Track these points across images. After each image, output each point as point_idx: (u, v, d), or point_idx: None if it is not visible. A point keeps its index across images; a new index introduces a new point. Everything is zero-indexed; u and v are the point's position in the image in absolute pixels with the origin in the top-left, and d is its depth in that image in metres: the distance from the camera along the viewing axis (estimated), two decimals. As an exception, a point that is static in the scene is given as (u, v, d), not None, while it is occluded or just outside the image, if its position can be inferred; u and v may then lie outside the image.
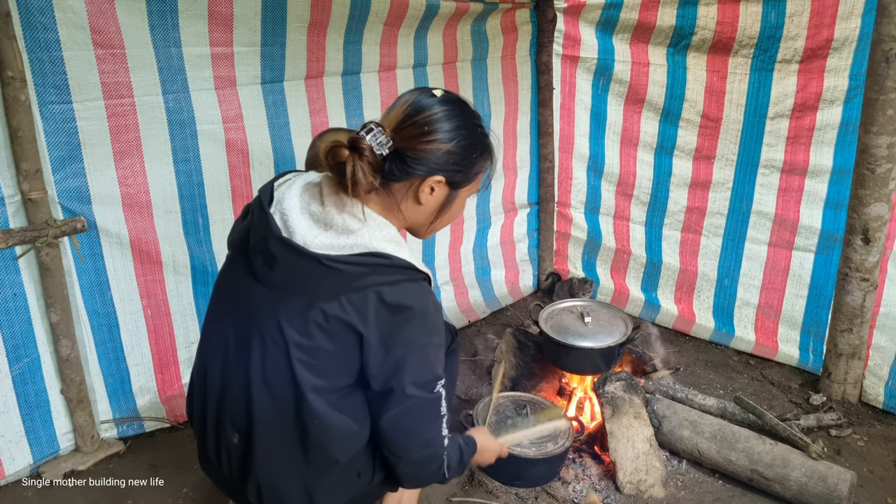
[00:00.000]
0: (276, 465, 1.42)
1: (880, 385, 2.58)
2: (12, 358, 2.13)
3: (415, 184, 1.37)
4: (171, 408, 2.51)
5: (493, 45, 3.12)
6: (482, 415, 2.27)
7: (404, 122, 1.34)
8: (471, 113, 1.41)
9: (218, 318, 1.49)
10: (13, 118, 1.92)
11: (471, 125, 1.39)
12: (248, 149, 2.45)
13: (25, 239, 2.01)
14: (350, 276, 1.28)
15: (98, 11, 1.98)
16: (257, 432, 1.39)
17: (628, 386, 2.35)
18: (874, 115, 2.23)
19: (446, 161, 1.36)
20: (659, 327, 3.26)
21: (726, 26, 2.69)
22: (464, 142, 1.37)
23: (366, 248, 1.29)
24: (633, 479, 2.15)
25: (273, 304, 1.35)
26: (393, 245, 1.33)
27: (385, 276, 1.30)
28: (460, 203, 1.48)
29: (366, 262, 1.29)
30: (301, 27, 2.39)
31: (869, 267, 2.42)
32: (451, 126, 1.35)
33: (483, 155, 1.43)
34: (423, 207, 1.42)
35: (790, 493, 2.07)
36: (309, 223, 1.33)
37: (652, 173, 3.14)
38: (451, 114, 1.36)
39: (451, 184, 1.40)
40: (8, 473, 2.19)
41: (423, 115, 1.33)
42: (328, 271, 1.28)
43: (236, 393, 1.41)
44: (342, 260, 1.28)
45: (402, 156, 1.34)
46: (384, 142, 1.32)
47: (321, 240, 1.30)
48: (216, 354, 1.46)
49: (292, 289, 1.33)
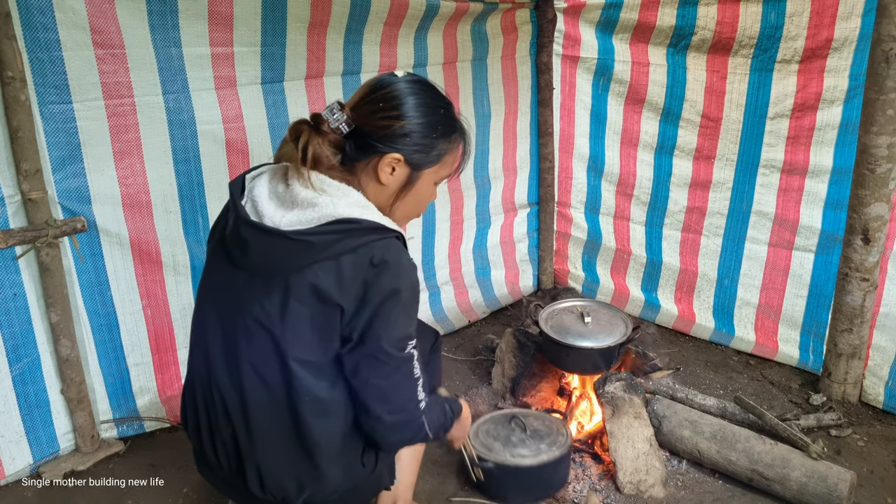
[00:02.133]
0: (273, 450, 1.42)
1: (880, 385, 2.58)
2: (12, 358, 2.13)
3: (373, 161, 1.37)
4: (171, 408, 2.51)
5: (493, 45, 3.12)
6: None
7: (363, 100, 1.36)
8: (434, 94, 1.41)
9: (204, 315, 1.49)
10: (13, 118, 1.92)
11: (431, 105, 1.39)
12: (248, 149, 2.45)
13: (25, 239, 2.01)
14: (320, 246, 1.28)
15: (98, 11, 1.98)
16: (251, 419, 1.40)
17: (628, 386, 2.35)
18: (874, 115, 2.23)
19: (403, 138, 1.35)
20: (659, 327, 3.26)
21: (726, 26, 2.69)
22: (421, 119, 1.36)
23: (332, 216, 1.29)
24: (633, 479, 2.15)
25: (252, 288, 1.36)
26: (359, 209, 1.33)
27: (356, 240, 1.30)
28: (426, 186, 1.45)
29: (334, 230, 1.28)
30: (301, 27, 2.39)
31: (869, 267, 2.42)
32: (409, 102, 1.35)
33: (446, 137, 1.41)
34: (385, 188, 1.40)
35: (790, 493, 2.07)
36: (276, 205, 1.34)
37: (652, 173, 3.14)
38: (409, 92, 1.36)
39: (410, 163, 1.38)
40: (8, 473, 2.19)
41: (380, 92, 1.35)
42: (298, 245, 1.28)
43: (226, 383, 1.41)
44: (310, 232, 1.28)
45: (361, 132, 1.35)
46: (341, 117, 1.34)
47: (288, 218, 1.31)
48: (204, 350, 1.47)
49: (267, 269, 1.34)
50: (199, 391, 1.48)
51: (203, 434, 1.50)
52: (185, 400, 1.55)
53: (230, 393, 1.41)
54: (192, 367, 1.52)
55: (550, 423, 2.27)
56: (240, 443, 1.43)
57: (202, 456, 1.55)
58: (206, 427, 1.49)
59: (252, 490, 1.45)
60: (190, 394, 1.52)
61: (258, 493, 1.45)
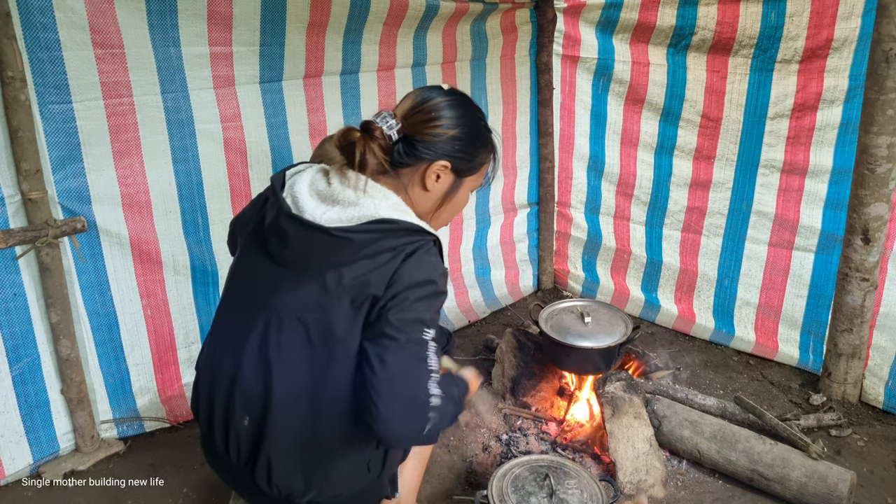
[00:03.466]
0: (286, 444, 1.43)
1: (880, 385, 2.58)
2: (12, 358, 2.13)
3: (422, 168, 1.44)
4: (171, 408, 2.51)
5: (493, 44, 3.12)
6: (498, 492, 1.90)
7: (413, 110, 1.43)
8: (475, 107, 1.51)
9: (233, 305, 1.52)
10: (13, 118, 1.92)
11: (475, 117, 1.49)
12: (247, 148, 2.45)
13: (25, 239, 2.01)
14: (360, 243, 1.33)
15: (98, 11, 1.98)
16: (271, 411, 1.41)
17: (628, 386, 2.35)
18: (874, 115, 2.23)
19: (451, 147, 1.44)
20: (659, 327, 3.26)
21: (726, 26, 2.69)
22: (468, 129, 1.46)
23: (372, 216, 1.35)
24: (633, 479, 2.15)
25: (287, 280, 1.40)
26: (398, 211, 1.39)
27: (395, 240, 1.35)
28: (464, 193, 1.54)
29: (374, 229, 1.34)
30: (300, 27, 2.39)
31: (869, 267, 2.42)
32: (456, 114, 1.44)
33: (486, 147, 1.52)
34: (430, 194, 1.49)
35: (790, 493, 2.07)
36: (317, 202, 1.39)
37: (652, 173, 3.14)
38: (457, 103, 1.46)
39: (455, 171, 1.47)
40: (8, 473, 2.19)
41: (430, 103, 1.43)
42: (339, 241, 1.33)
43: (251, 374, 1.43)
44: (351, 230, 1.33)
45: (410, 140, 1.42)
46: (394, 125, 1.41)
47: (329, 215, 1.36)
48: (230, 339, 1.48)
49: (306, 263, 1.38)
50: (218, 379, 1.49)
51: (216, 423, 1.50)
52: (200, 388, 1.56)
53: (254, 383, 1.43)
54: (211, 355, 1.53)
55: (588, 487, 1.91)
56: (254, 434, 1.44)
57: (212, 446, 1.55)
58: (220, 416, 1.49)
59: (259, 483, 1.45)
60: (207, 382, 1.53)
61: (265, 487, 1.45)
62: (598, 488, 1.92)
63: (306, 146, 2.60)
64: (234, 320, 1.49)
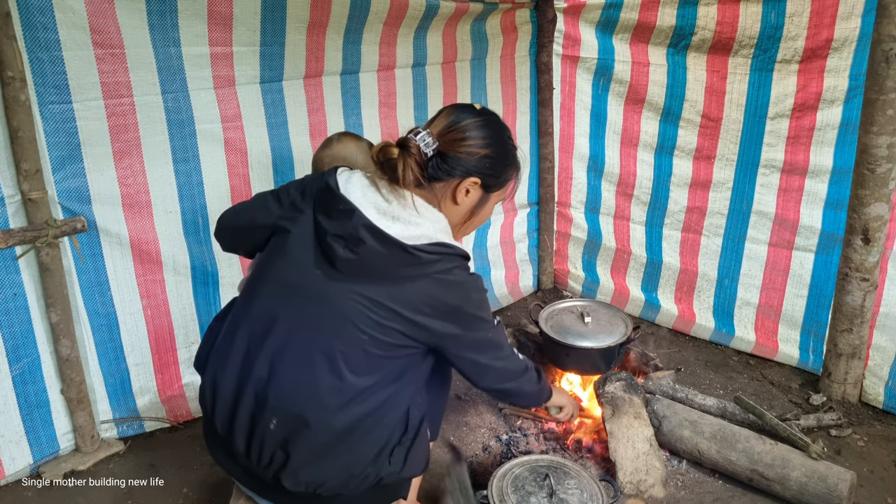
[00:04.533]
0: (318, 444, 1.46)
1: (880, 385, 2.58)
2: (12, 358, 2.13)
3: (454, 184, 1.55)
4: (172, 408, 2.51)
5: (493, 44, 3.12)
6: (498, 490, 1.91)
7: (448, 128, 1.53)
8: (504, 126, 1.62)
9: (265, 304, 1.54)
10: (13, 118, 1.92)
11: (504, 136, 1.61)
12: (247, 148, 2.45)
13: (25, 239, 2.01)
14: (426, 262, 1.46)
15: (98, 11, 1.98)
16: (308, 413, 1.45)
17: (628, 386, 2.35)
18: (874, 115, 2.23)
19: (482, 164, 1.54)
20: (659, 327, 3.26)
21: (726, 26, 2.69)
22: (498, 149, 1.57)
23: (431, 238, 1.47)
24: (633, 479, 2.15)
25: (348, 287, 1.46)
26: (448, 236, 1.54)
27: (449, 263, 1.49)
28: (490, 207, 1.66)
29: (436, 251, 1.47)
30: (300, 27, 2.40)
31: (869, 267, 2.42)
32: (487, 133, 1.55)
33: (513, 165, 1.64)
34: (459, 208, 1.59)
35: (790, 493, 2.07)
36: (376, 215, 1.47)
37: (652, 173, 3.14)
38: (489, 124, 1.57)
39: (484, 186, 1.58)
40: (8, 473, 2.19)
41: (465, 122, 1.53)
42: (411, 258, 1.45)
43: (289, 376, 1.46)
44: (420, 248, 1.45)
45: (445, 157, 1.52)
46: (430, 143, 1.51)
47: (393, 230, 1.45)
48: (262, 339, 1.50)
49: (373, 272, 1.47)
50: (247, 379, 1.49)
51: (238, 424, 1.51)
52: (218, 386, 1.55)
53: (294, 384, 1.46)
54: (237, 354, 1.53)
55: (588, 487, 1.92)
56: (282, 436, 1.46)
57: (228, 445, 1.55)
58: (245, 416, 1.49)
59: (284, 483, 1.48)
60: (230, 381, 1.53)
61: (291, 485, 1.48)
62: (598, 488, 1.93)
63: (307, 146, 2.60)
64: (271, 320, 1.51)
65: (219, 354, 1.58)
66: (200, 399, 1.62)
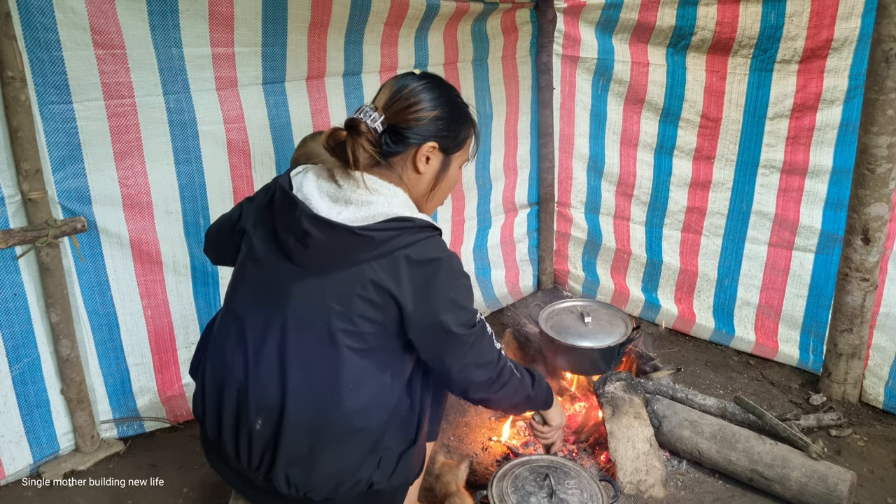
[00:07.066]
0: (305, 445, 1.45)
1: (880, 385, 2.58)
2: (12, 358, 2.13)
3: (411, 153, 1.49)
4: (171, 408, 2.51)
5: (494, 45, 3.12)
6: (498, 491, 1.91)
7: (393, 98, 1.47)
8: (449, 86, 1.56)
9: (244, 307, 1.54)
10: (13, 118, 1.92)
11: (452, 95, 1.55)
12: (250, 149, 2.45)
13: (25, 239, 2.01)
14: (380, 241, 1.39)
15: (98, 11, 1.98)
16: (288, 412, 1.43)
17: (628, 386, 2.35)
18: (874, 115, 2.23)
19: (436, 127, 1.49)
20: (659, 327, 3.26)
21: (726, 26, 2.69)
22: (448, 108, 1.51)
23: (387, 214, 1.41)
24: (633, 479, 2.15)
25: (308, 281, 1.43)
26: (409, 209, 1.47)
27: (411, 237, 1.41)
28: (455, 171, 1.60)
29: (392, 227, 1.40)
30: (302, 27, 2.39)
31: (869, 267, 2.42)
32: (434, 95, 1.50)
33: (467, 122, 1.58)
34: (423, 177, 1.53)
35: (790, 493, 2.07)
36: (329, 203, 1.44)
37: (652, 173, 3.14)
38: (434, 85, 1.51)
39: (443, 150, 1.53)
40: (8, 473, 2.19)
41: (407, 89, 1.48)
42: (361, 240, 1.39)
43: (267, 375, 1.45)
44: (372, 228, 1.39)
45: (396, 129, 1.47)
46: (377, 117, 1.45)
47: (345, 215, 1.41)
48: (239, 342, 1.50)
49: (328, 262, 1.42)
50: (228, 382, 1.49)
51: (225, 426, 1.51)
52: (206, 391, 1.56)
53: (269, 384, 1.45)
54: (220, 358, 1.53)
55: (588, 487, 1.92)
56: (268, 436, 1.45)
57: (219, 448, 1.55)
58: (230, 419, 1.50)
59: (276, 485, 1.47)
60: (214, 385, 1.53)
61: (283, 488, 1.47)
62: (598, 488, 1.93)
63: (308, 147, 2.60)
64: (247, 322, 1.50)
65: (205, 359, 1.60)
66: (193, 406, 1.63)
